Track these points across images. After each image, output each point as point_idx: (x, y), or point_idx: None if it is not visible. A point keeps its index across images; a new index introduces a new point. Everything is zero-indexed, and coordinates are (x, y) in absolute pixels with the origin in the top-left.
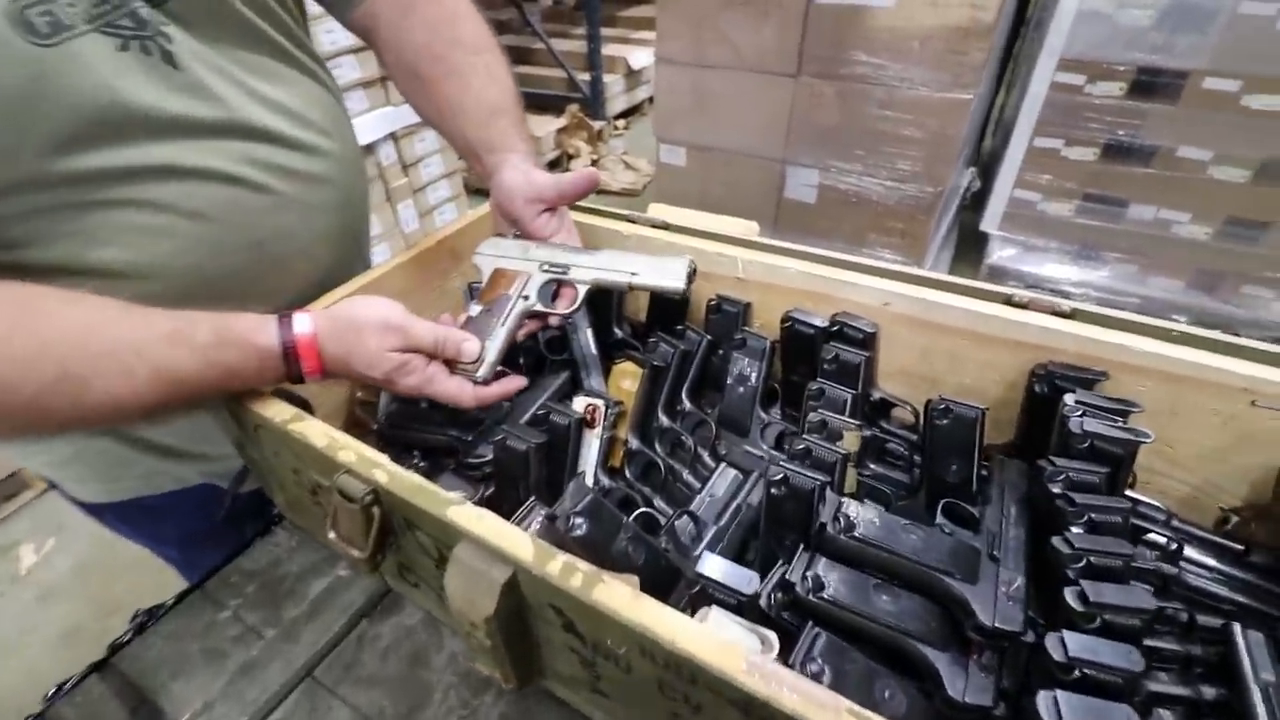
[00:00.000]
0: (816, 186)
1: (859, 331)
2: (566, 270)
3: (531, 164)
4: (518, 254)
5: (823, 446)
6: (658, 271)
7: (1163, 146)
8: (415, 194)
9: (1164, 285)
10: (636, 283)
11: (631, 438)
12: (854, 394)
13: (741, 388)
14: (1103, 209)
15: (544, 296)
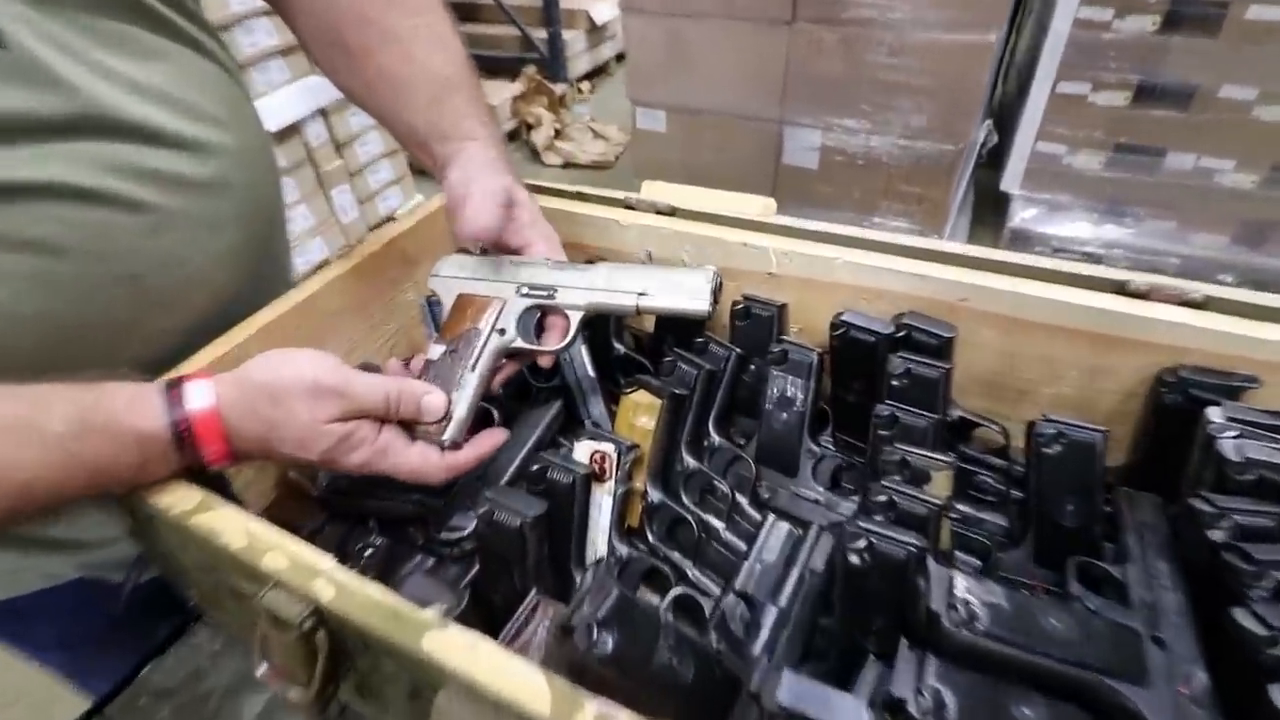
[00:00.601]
0: (819, 149)
1: (934, 337)
2: (553, 293)
3: (497, 153)
4: (488, 274)
5: (909, 496)
6: (672, 288)
7: (1202, 86)
8: (353, 178)
9: (1206, 242)
10: (646, 305)
11: (652, 488)
12: (934, 419)
13: (784, 413)
14: (1136, 160)
15: (525, 328)
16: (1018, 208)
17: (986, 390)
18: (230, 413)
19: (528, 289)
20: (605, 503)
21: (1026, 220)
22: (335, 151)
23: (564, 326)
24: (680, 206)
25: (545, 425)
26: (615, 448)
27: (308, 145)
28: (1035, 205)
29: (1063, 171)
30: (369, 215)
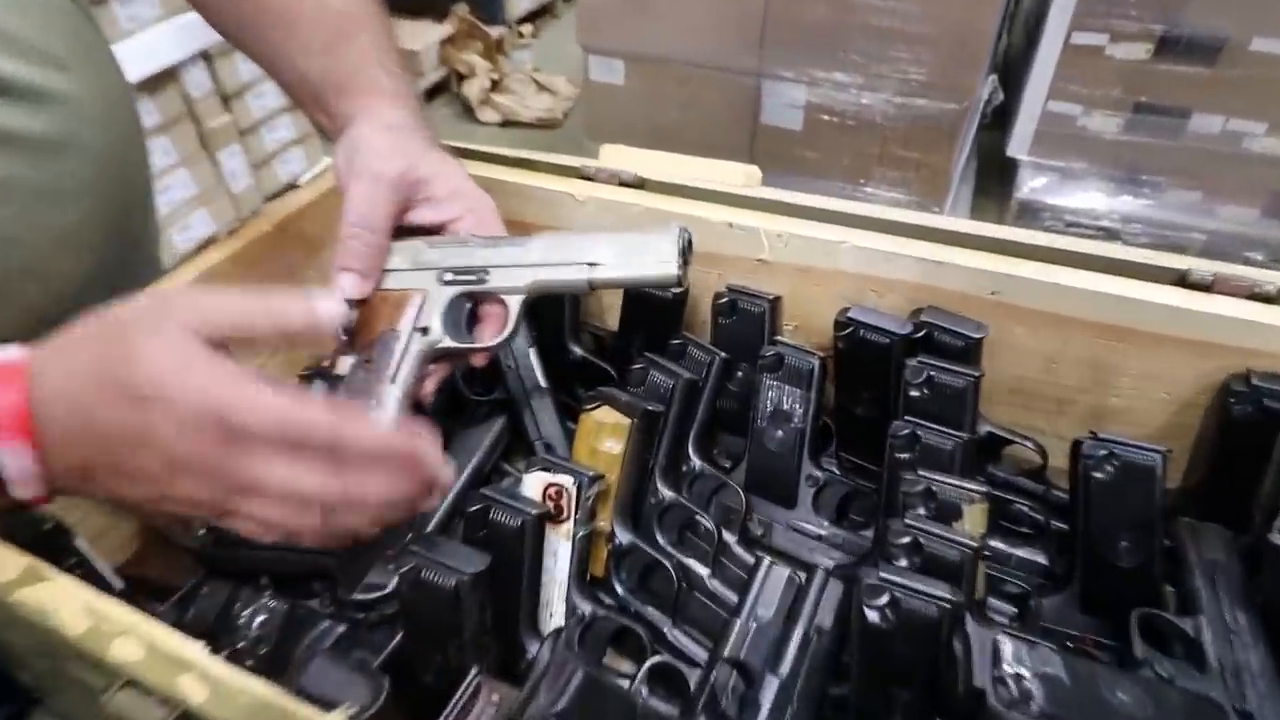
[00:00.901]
0: (803, 107)
1: (959, 338)
2: (485, 276)
3: (408, 114)
4: (402, 262)
5: (939, 537)
6: (631, 255)
7: (1231, 39)
8: (244, 136)
9: (1234, 215)
10: (601, 278)
11: (619, 528)
12: (962, 438)
13: (779, 430)
14: (1157, 121)
15: (454, 323)
16: (1026, 176)
17: (1019, 400)
18: (49, 418)
19: (452, 274)
20: (563, 549)
21: (1036, 190)
22: (222, 104)
23: (502, 316)
24: (649, 178)
25: (485, 450)
26: (574, 480)
27: (187, 96)
28: (1045, 173)
29: (1076, 134)
30: (265, 183)
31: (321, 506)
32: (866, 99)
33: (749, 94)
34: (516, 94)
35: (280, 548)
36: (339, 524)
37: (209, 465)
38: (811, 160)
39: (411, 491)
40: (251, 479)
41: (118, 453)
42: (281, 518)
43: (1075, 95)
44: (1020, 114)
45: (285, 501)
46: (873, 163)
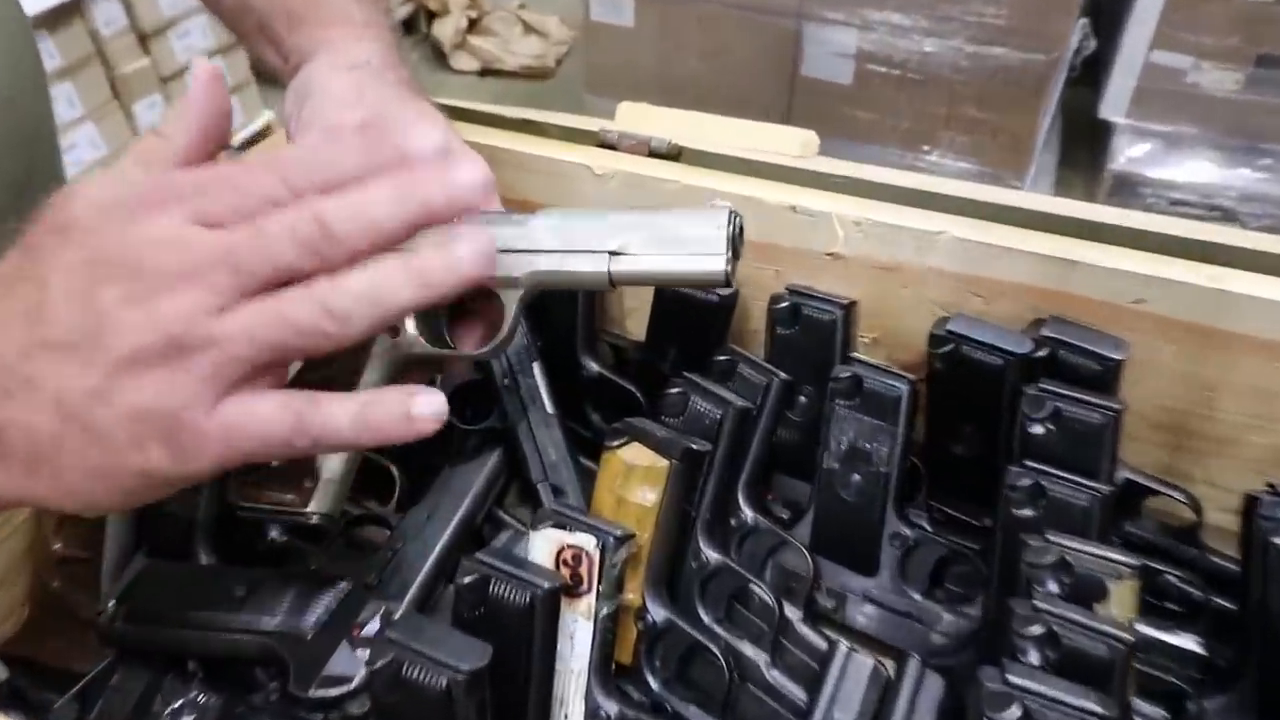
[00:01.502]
0: (853, 56)
1: (1094, 358)
2: None
3: (377, 51)
4: None
5: (1081, 626)
6: (667, 243)
7: None
8: (166, 84)
9: None
10: (625, 271)
11: (652, 602)
12: (1100, 492)
13: (856, 475)
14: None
15: (431, 323)
16: (1122, 143)
17: (1166, 438)
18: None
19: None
20: (582, 631)
21: (1134, 160)
22: (139, 44)
23: (493, 315)
24: (687, 145)
25: (476, 494)
26: (597, 540)
27: (96, 34)
28: (1146, 139)
29: (1185, 92)
30: None
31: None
32: (931, 46)
33: (786, 39)
34: (499, 36)
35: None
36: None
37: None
38: (862, 122)
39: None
40: (222, 244)
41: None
42: (279, 302)
43: (1185, 44)
44: (1116, 67)
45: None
46: (938, 125)
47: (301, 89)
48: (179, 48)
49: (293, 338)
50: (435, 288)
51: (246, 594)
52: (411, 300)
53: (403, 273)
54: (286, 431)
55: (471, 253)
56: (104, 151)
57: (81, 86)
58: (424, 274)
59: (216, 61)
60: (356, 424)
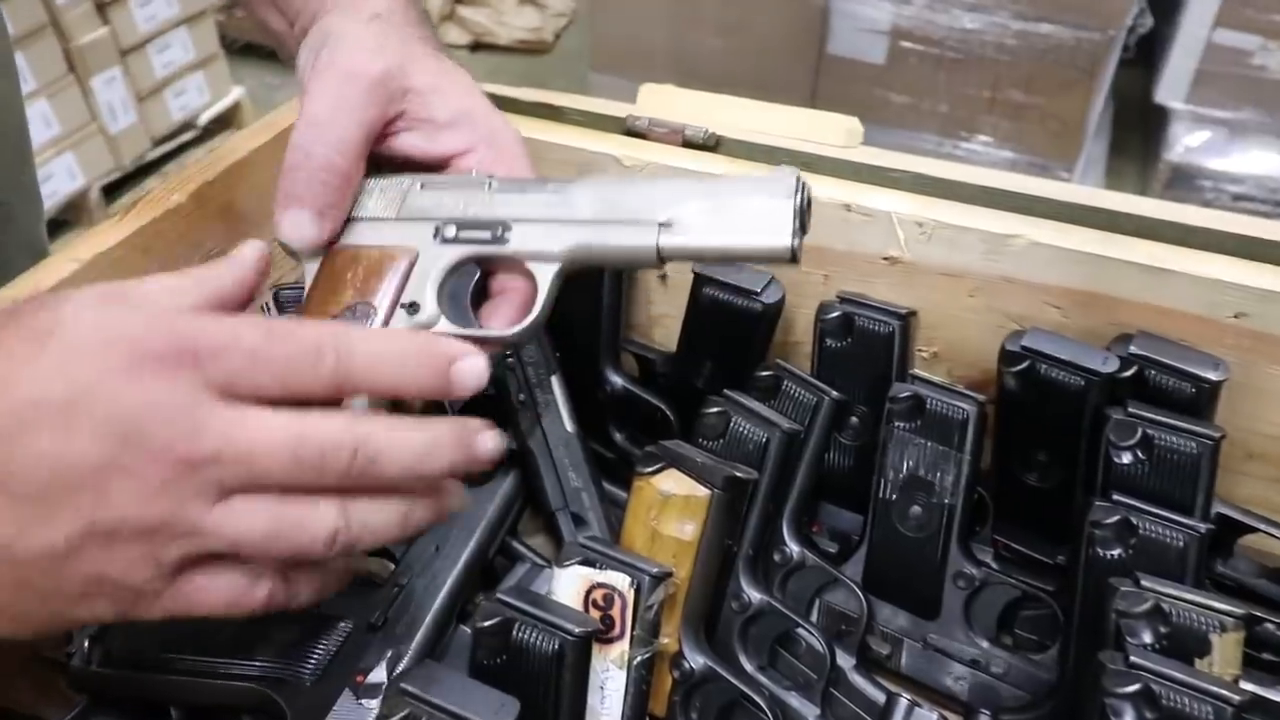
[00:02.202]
0: (886, 33)
1: (1188, 379)
2: (504, 233)
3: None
4: (384, 206)
5: (1183, 686)
6: (724, 213)
7: None
8: (126, 58)
9: None
10: (677, 245)
11: (690, 647)
12: (1198, 531)
13: (916, 506)
14: None
15: (455, 299)
16: (1180, 130)
17: (1264, 469)
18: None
19: (457, 229)
20: (614, 680)
21: (1192, 150)
22: (97, 13)
23: (524, 293)
24: (722, 133)
25: (488, 524)
26: (631, 580)
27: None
28: (1206, 126)
29: (1250, 76)
30: (154, 120)
31: (344, 471)
32: (973, 23)
33: (812, 13)
34: (491, 7)
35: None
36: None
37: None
38: (895, 105)
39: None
40: (244, 437)
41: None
42: (279, 517)
43: (1251, 23)
44: (1175, 47)
45: (295, 467)
46: (979, 109)
47: (317, 40)
48: (140, 17)
49: (282, 552)
50: (416, 532)
51: (236, 634)
52: (400, 540)
53: (399, 519)
54: (254, 605)
55: (457, 509)
56: (57, 130)
57: (34, 59)
58: (419, 521)
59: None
60: (318, 594)
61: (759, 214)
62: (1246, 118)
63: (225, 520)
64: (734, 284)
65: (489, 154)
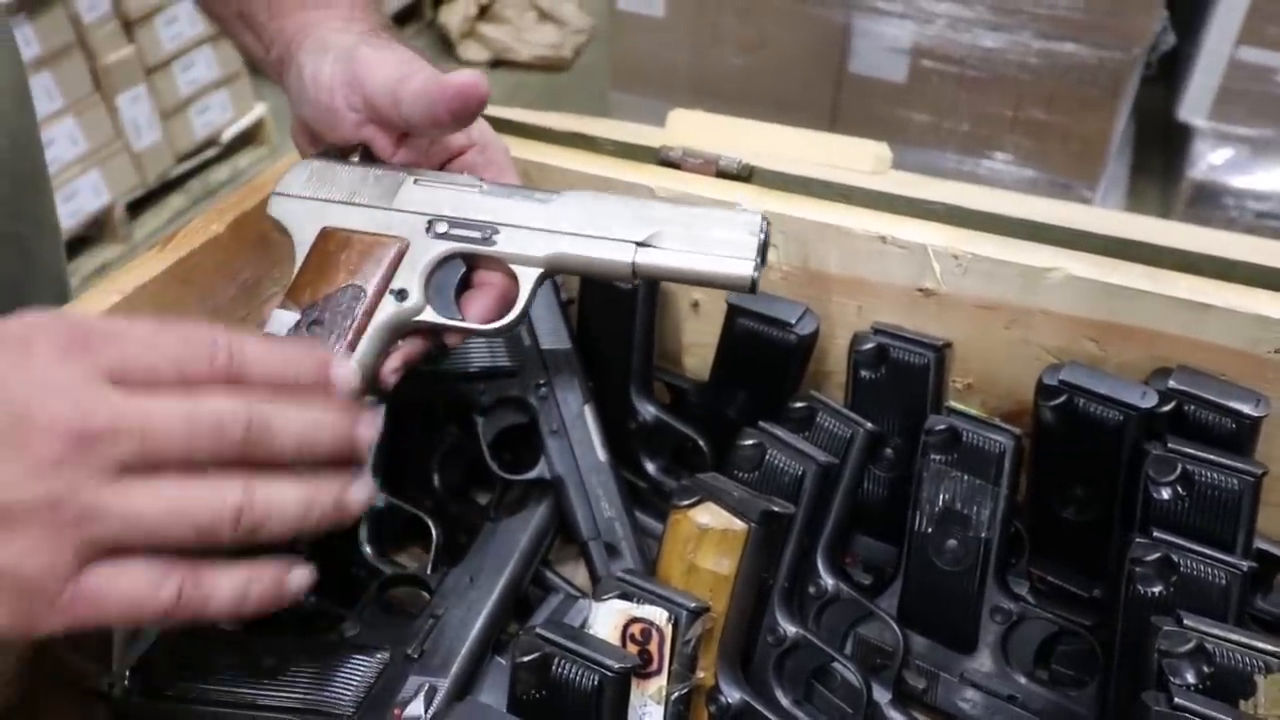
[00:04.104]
0: (908, 52)
1: (1228, 414)
2: (492, 234)
3: (368, 27)
4: (377, 196)
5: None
6: (696, 239)
7: None
8: (151, 75)
9: None
10: (649, 264)
11: (726, 682)
12: (1240, 569)
13: (952, 540)
14: None
15: (441, 291)
16: (1203, 148)
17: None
18: None
19: (448, 225)
20: (652, 716)
21: (1216, 168)
22: (123, 32)
23: (502, 290)
24: (748, 159)
25: (522, 554)
26: (669, 615)
27: (78, 21)
28: (1230, 144)
29: (1274, 93)
30: (178, 137)
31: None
32: (995, 42)
33: (834, 32)
34: (511, 24)
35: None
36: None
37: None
38: (917, 124)
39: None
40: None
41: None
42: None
43: (1274, 40)
44: (1198, 64)
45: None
46: (1001, 129)
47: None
48: (165, 36)
49: (185, 533)
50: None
51: (276, 665)
52: (298, 527)
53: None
54: (163, 605)
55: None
56: (84, 148)
57: (62, 77)
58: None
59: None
60: (237, 598)
61: (726, 245)
62: (1270, 135)
63: (122, 499)
64: (768, 315)
65: (479, 159)
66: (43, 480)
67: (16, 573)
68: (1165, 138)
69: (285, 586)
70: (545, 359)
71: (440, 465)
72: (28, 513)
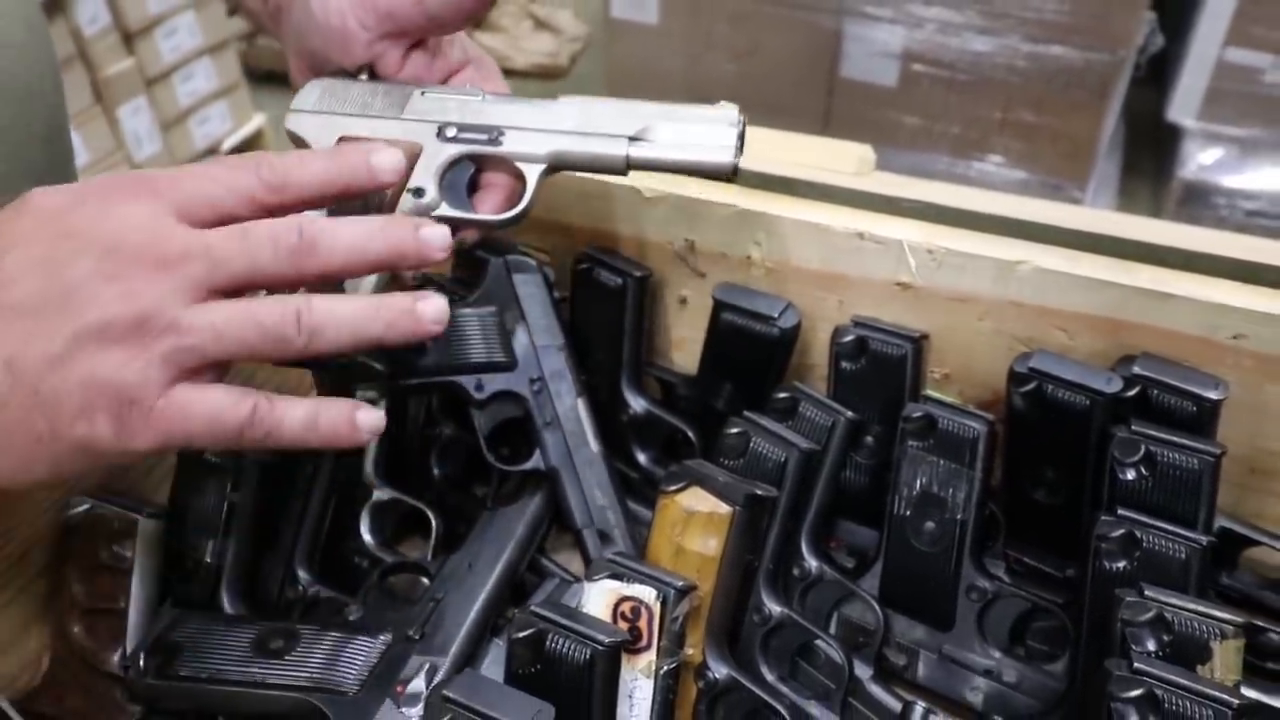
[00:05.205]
0: (898, 56)
1: (1190, 398)
2: (499, 137)
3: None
4: (388, 108)
5: (1185, 691)
6: (682, 133)
7: None
8: (151, 87)
9: None
10: (643, 156)
11: (713, 658)
12: (1199, 543)
13: (930, 522)
14: None
15: (454, 188)
16: (1192, 148)
17: (1266, 483)
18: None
19: (457, 129)
20: (641, 689)
21: (1205, 168)
22: (123, 44)
23: (509, 188)
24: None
25: (518, 542)
26: (658, 593)
27: (78, 33)
28: (1219, 144)
29: (1262, 94)
30: (178, 148)
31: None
32: (984, 45)
33: (825, 37)
34: (507, 33)
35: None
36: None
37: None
38: (908, 128)
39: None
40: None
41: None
42: (249, 306)
43: (1262, 40)
44: (1186, 65)
45: (251, 254)
46: (991, 131)
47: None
48: (165, 48)
49: (258, 340)
50: (398, 335)
51: (283, 647)
52: (376, 336)
53: (374, 307)
54: (239, 423)
55: (435, 314)
56: (85, 159)
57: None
58: (392, 321)
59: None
60: (307, 426)
61: (709, 136)
62: (1259, 135)
63: (199, 313)
64: (753, 310)
65: (476, 74)
66: (133, 300)
67: (117, 382)
68: (1156, 138)
69: (355, 423)
70: (539, 355)
71: (439, 459)
72: (123, 328)
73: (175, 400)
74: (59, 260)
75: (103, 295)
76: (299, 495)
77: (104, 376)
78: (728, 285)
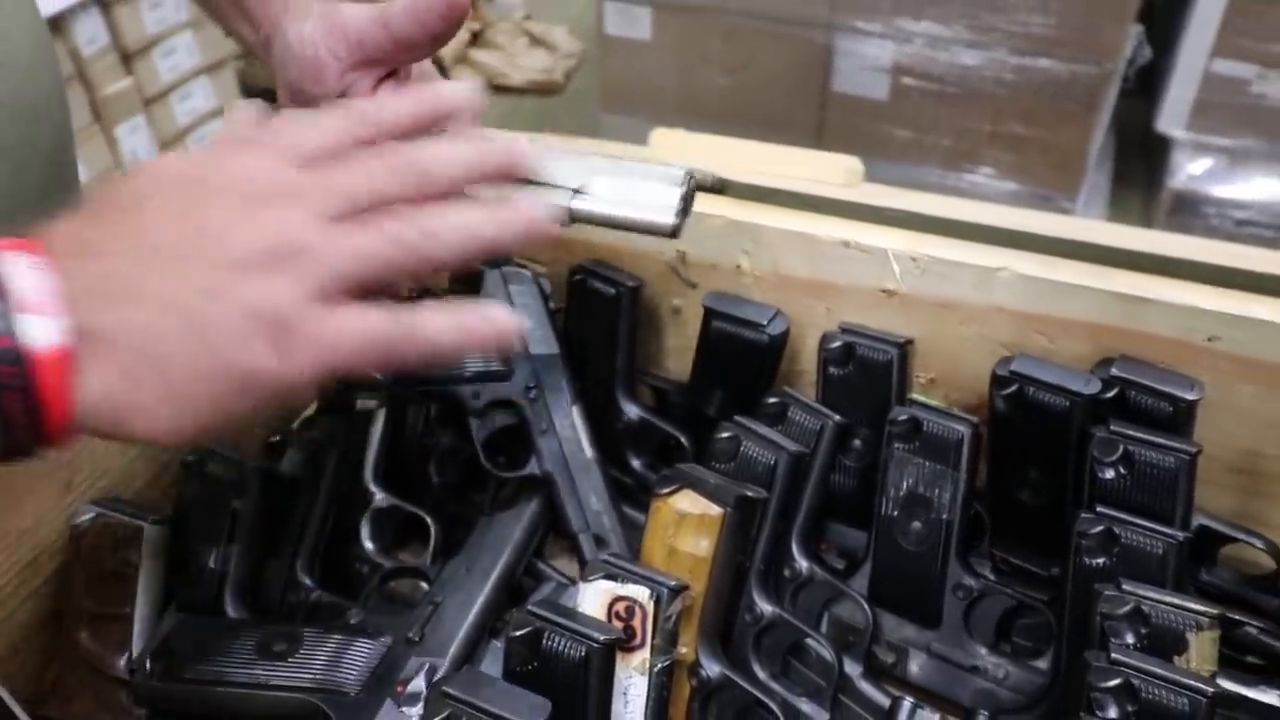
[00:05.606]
0: (888, 70)
1: (1167, 399)
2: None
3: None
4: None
5: (1161, 679)
6: (626, 190)
7: None
8: (149, 106)
9: None
10: (585, 210)
11: (706, 656)
12: (1175, 538)
13: (917, 522)
14: None
15: None
16: (1181, 158)
17: (1243, 482)
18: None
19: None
20: (636, 687)
21: (1195, 178)
22: (122, 64)
23: None
24: (726, 174)
25: (515, 546)
26: (651, 592)
27: (77, 53)
28: (1208, 154)
29: (1249, 104)
30: None
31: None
32: (973, 59)
33: (817, 52)
34: (503, 50)
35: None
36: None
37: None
38: (899, 140)
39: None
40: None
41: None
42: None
43: (1249, 52)
44: (1174, 77)
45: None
46: (981, 143)
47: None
48: (163, 67)
49: (396, 254)
50: (512, 233)
51: (285, 650)
52: (494, 238)
53: (489, 214)
54: (396, 339)
55: (545, 214)
56: (84, 178)
57: None
58: (507, 220)
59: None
60: (457, 334)
61: (653, 194)
62: (1248, 145)
63: (337, 236)
64: (742, 318)
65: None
66: (273, 231)
67: (270, 308)
68: (1145, 149)
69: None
70: (535, 364)
71: (438, 466)
72: (268, 257)
73: (328, 323)
74: (195, 205)
75: (244, 230)
76: (301, 502)
77: (256, 304)
78: (718, 294)
